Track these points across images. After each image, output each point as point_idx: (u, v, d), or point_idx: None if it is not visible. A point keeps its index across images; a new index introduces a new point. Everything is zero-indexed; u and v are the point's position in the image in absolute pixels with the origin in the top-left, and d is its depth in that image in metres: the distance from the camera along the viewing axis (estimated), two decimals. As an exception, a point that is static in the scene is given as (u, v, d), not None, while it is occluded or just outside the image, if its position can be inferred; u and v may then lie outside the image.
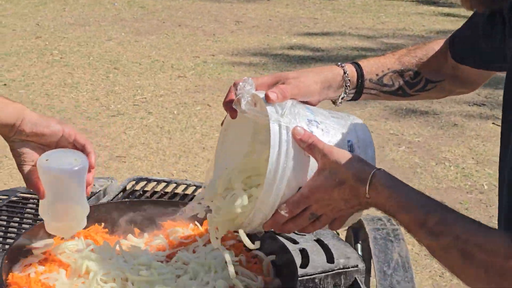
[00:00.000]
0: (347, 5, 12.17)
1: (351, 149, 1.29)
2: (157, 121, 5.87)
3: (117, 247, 1.52)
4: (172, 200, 2.16)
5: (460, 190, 4.70)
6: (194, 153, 5.21)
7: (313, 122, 1.28)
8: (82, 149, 1.57)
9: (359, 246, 2.34)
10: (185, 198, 2.35)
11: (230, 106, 1.31)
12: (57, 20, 9.81)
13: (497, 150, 1.45)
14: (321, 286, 1.96)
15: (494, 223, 1.20)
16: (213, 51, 8.34)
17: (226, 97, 1.33)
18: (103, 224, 1.66)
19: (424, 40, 9.05)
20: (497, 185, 1.21)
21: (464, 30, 1.54)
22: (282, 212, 1.21)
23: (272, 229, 1.32)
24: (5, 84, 6.63)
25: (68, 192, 1.54)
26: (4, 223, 2.17)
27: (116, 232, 1.68)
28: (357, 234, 2.42)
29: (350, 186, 1.16)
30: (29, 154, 1.54)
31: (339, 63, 1.47)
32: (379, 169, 1.17)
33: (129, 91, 6.67)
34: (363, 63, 1.49)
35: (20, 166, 1.55)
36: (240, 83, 1.26)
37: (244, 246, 1.58)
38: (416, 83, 1.55)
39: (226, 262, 1.45)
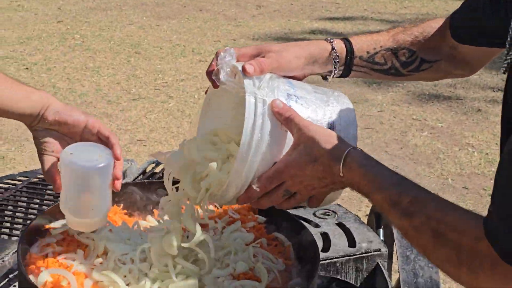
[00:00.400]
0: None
1: (331, 126, 1.28)
2: (178, 105, 5.88)
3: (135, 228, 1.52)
4: None
5: (483, 176, 4.64)
6: None
7: (292, 97, 1.27)
8: (106, 141, 1.54)
9: (381, 231, 2.32)
10: None
11: (210, 76, 1.29)
12: (79, 4, 9.78)
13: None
14: (342, 270, 1.95)
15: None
16: (234, 36, 8.32)
17: (208, 67, 1.32)
18: (122, 205, 1.64)
19: None
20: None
21: (465, 9, 1.49)
22: (254, 187, 1.20)
23: (246, 204, 1.33)
24: (27, 68, 6.68)
25: (91, 188, 1.49)
26: (24, 204, 2.19)
27: (135, 214, 1.67)
28: (379, 219, 2.40)
29: (323, 163, 1.15)
30: (51, 143, 1.53)
31: (328, 38, 1.44)
32: (355, 148, 1.16)
33: (150, 75, 6.68)
34: (354, 39, 1.46)
35: (40, 154, 1.54)
36: (221, 53, 1.24)
37: (265, 228, 1.58)
38: (411, 63, 1.50)
39: (246, 244, 1.44)
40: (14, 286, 1.74)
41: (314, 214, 2.14)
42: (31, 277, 1.34)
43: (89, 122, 1.56)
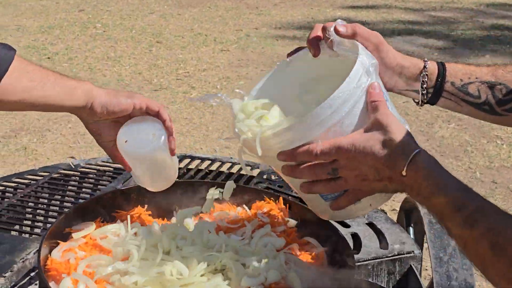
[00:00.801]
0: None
1: None
2: (204, 90, 5.84)
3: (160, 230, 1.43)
4: (218, 182, 2.06)
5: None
6: None
7: (384, 91, 1.20)
8: (157, 116, 1.56)
9: (411, 229, 2.27)
10: (230, 177, 2.28)
11: (315, 43, 1.24)
12: None
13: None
14: (374, 273, 1.89)
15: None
16: (256, 25, 8.27)
17: (312, 34, 1.25)
18: (146, 206, 1.60)
19: (473, 13, 8.96)
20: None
21: None
22: (311, 147, 1.09)
23: (284, 161, 1.18)
24: (48, 58, 6.69)
25: (157, 165, 1.57)
26: (46, 201, 2.14)
27: (160, 215, 1.62)
28: (409, 217, 2.35)
29: (389, 154, 1.07)
30: (105, 132, 1.56)
31: (425, 59, 1.33)
32: (424, 150, 1.07)
33: (172, 65, 6.65)
34: (448, 64, 1.34)
35: (99, 143, 1.60)
36: (331, 27, 1.19)
37: (297, 232, 1.52)
38: (508, 101, 1.33)
39: (277, 250, 1.37)
40: (36, 285, 1.67)
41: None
42: (52, 284, 1.29)
43: (136, 104, 1.57)
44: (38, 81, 1.44)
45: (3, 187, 2.22)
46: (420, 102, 1.33)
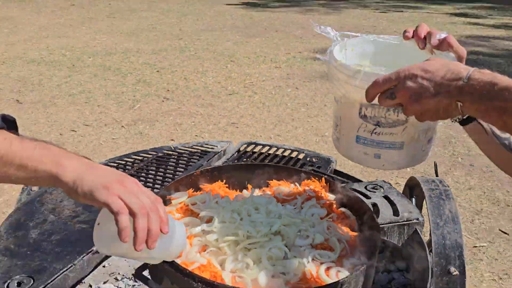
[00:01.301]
0: (398, 16, 11.61)
1: None
2: (260, 98, 5.79)
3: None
4: (278, 165, 2.00)
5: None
6: (286, 123, 5.08)
7: None
8: None
9: (413, 200, 2.16)
10: (282, 160, 2.26)
11: (422, 39, 1.09)
12: (193, 27, 9.90)
13: None
14: (388, 234, 1.82)
15: None
16: (300, 49, 8.15)
17: (419, 30, 1.10)
18: (224, 181, 1.54)
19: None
20: None
21: None
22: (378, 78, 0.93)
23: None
24: (158, 71, 6.76)
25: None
26: (153, 173, 2.13)
27: (235, 188, 1.56)
28: (412, 190, 2.25)
29: (450, 69, 0.87)
30: None
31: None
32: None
33: (241, 77, 6.63)
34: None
35: None
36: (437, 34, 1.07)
37: (335, 204, 1.43)
38: None
39: (321, 218, 1.30)
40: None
41: (365, 187, 1.99)
42: None
43: None
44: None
45: (124, 161, 2.23)
46: (455, 119, 1.05)
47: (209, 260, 1.13)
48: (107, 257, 1.71)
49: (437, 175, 2.27)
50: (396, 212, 1.81)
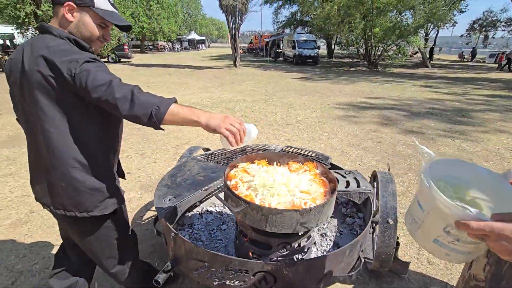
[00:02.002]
0: (388, 86, 10.81)
1: None
2: (303, 127, 5.62)
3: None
4: (292, 153, 2.01)
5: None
6: (315, 141, 4.86)
7: None
8: None
9: (375, 184, 2.07)
10: (302, 155, 2.21)
11: None
12: (273, 89, 9.86)
13: None
14: (353, 197, 1.78)
15: None
16: (329, 103, 7.84)
17: None
18: (266, 159, 1.50)
19: (418, 102, 8.01)
20: None
21: None
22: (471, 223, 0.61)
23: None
24: (252, 111, 6.81)
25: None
26: (239, 153, 2.16)
27: (270, 163, 1.52)
28: (374, 178, 2.16)
29: None
30: None
31: None
32: None
33: (295, 116, 6.47)
34: None
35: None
36: None
37: (319, 175, 1.38)
38: None
39: (309, 180, 1.30)
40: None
41: (344, 172, 1.95)
42: (228, 182, 1.26)
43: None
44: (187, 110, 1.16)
45: (235, 149, 2.30)
46: None
47: (250, 194, 1.17)
48: (211, 194, 1.84)
49: (388, 170, 2.17)
50: (358, 185, 1.77)
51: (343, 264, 1.30)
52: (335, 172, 1.89)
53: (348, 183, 1.79)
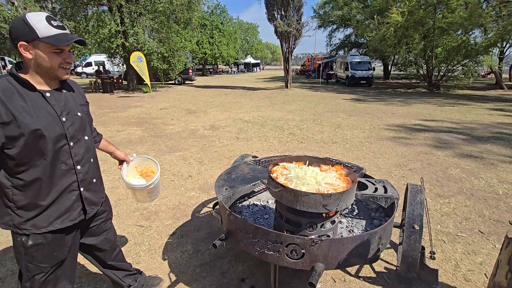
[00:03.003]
0: (450, 109, 10.05)
1: None
2: (349, 146, 5.67)
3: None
4: (319, 157, 2.23)
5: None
6: (359, 159, 4.86)
7: None
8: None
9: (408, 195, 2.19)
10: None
11: None
12: (322, 110, 9.96)
13: None
14: (380, 201, 1.95)
15: None
16: (378, 124, 7.74)
17: None
18: (305, 161, 1.78)
19: (484, 126, 7.37)
20: None
21: None
22: None
23: None
24: (300, 129, 6.96)
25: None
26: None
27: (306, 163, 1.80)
28: (407, 189, 2.27)
29: None
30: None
31: None
32: None
33: (342, 135, 6.53)
34: None
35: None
36: None
37: (344, 175, 1.66)
38: None
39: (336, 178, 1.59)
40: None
41: (375, 180, 2.14)
42: (272, 175, 1.55)
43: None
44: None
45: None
46: None
47: (286, 183, 1.48)
48: (257, 188, 2.20)
49: (421, 184, 2.23)
50: (385, 192, 1.99)
51: (361, 249, 1.53)
52: (366, 180, 2.10)
53: (376, 189, 2.00)
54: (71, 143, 1.12)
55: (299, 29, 15.64)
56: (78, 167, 1.15)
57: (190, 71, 20.97)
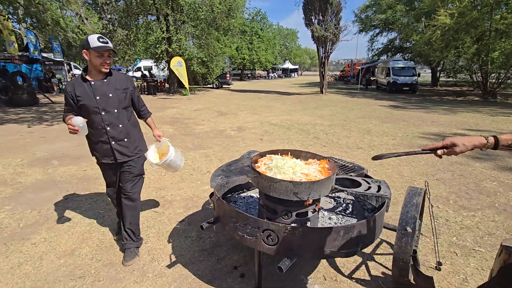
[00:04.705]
0: (502, 119, 9.06)
1: None
2: (375, 153, 5.44)
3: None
4: (309, 151, 2.25)
5: None
6: (382, 166, 4.72)
7: None
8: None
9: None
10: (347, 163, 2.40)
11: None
12: (354, 115, 9.70)
13: None
14: (372, 199, 1.94)
15: None
16: (413, 131, 7.28)
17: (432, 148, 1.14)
18: (291, 155, 1.84)
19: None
20: None
21: None
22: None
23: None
24: (326, 134, 6.89)
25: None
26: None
27: (294, 157, 1.85)
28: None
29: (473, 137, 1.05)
30: None
31: (485, 136, 1.11)
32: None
33: (369, 142, 6.31)
34: (500, 136, 1.10)
35: None
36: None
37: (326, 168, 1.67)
38: None
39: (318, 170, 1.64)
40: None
41: (371, 180, 2.11)
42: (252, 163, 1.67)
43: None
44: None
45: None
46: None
47: (266, 171, 1.57)
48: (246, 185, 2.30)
49: (426, 187, 2.16)
50: (378, 191, 1.95)
51: (337, 242, 1.54)
52: (362, 179, 2.07)
53: (369, 187, 1.97)
54: (103, 113, 1.83)
55: (336, 34, 15.38)
56: (108, 128, 1.86)
57: (228, 75, 21.74)
